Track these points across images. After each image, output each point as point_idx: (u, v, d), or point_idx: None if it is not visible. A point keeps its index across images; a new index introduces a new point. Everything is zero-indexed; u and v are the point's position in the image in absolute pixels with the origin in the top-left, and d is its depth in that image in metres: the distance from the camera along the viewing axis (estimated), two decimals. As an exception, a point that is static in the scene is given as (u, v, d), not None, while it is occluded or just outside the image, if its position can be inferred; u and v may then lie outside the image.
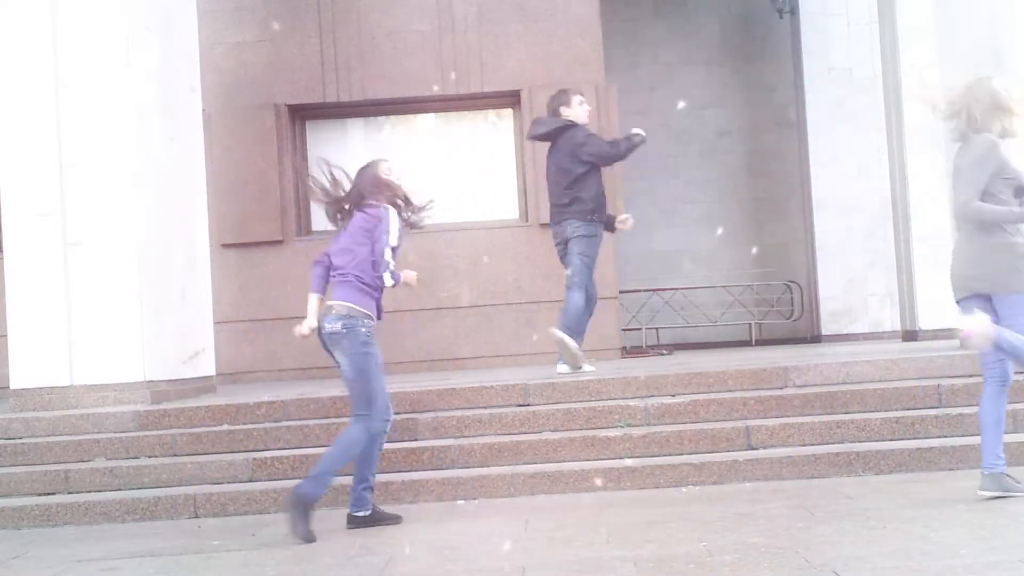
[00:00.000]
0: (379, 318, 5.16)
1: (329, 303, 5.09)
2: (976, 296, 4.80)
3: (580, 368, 6.96)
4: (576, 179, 7.18)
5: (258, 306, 9.80)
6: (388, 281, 5.07)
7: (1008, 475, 4.72)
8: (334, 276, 5.14)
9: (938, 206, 7.86)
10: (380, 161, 5.38)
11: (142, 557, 4.76)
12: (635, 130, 7.28)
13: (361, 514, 5.09)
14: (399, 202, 5.25)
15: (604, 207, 7.33)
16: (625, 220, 7.52)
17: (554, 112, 7.38)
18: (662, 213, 14.34)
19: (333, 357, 5.10)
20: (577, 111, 7.33)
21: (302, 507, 4.85)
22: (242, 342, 9.78)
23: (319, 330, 5.06)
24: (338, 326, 4.99)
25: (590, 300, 7.24)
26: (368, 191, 5.21)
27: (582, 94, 7.50)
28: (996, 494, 4.66)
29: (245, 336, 9.80)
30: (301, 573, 4.26)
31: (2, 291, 7.51)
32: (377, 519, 5.12)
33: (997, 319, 4.66)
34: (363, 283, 5.05)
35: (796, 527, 4.43)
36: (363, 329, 5.01)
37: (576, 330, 7.08)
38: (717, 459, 5.76)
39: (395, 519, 5.16)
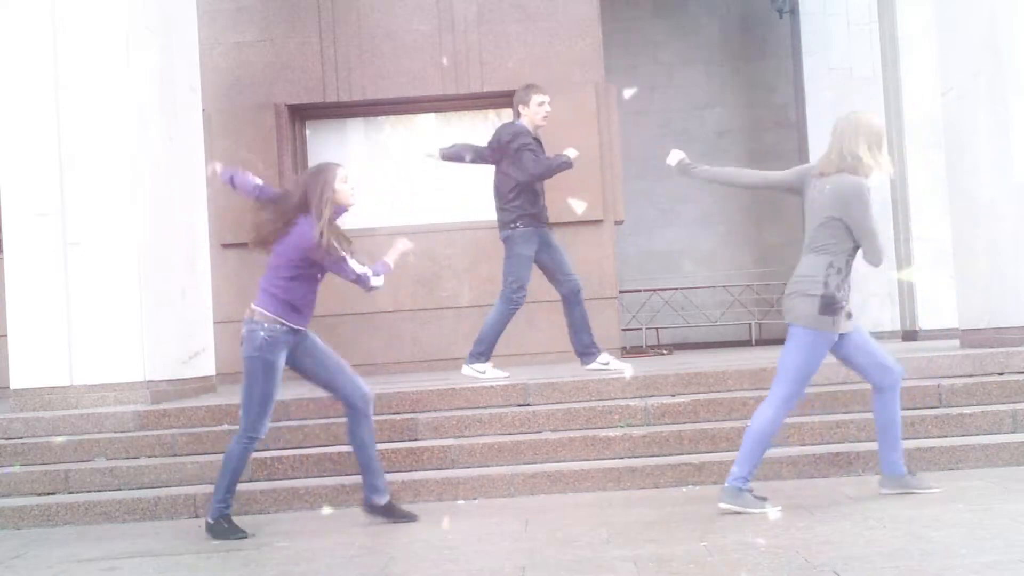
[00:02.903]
0: (300, 324, 5.00)
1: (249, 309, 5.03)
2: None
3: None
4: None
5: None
6: (378, 282, 5.01)
7: (915, 473, 4.97)
8: (260, 285, 5.06)
9: (938, 206, 7.88)
10: (337, 167, 5.07)
11: (142, 557, 4.76)
12: (569, 151, 7.15)
13: (378, 503, 5.14)
14: (337, 212, 5.01)
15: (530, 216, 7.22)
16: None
17: (515, 111, 7.35)
18: (662, 213, 14.35)
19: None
20: (533, 111, 7.22)
21: (225, 523, 5.01)
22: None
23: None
24: (243, 331, 4.97)
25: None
26: (314, 196, 4.92)
27: (547, 94, 7.33)
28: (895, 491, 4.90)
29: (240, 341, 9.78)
30: (301, 573, 4.26)
31: (2, 291, 7.51)
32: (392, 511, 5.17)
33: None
34: (270, 290, 4.97)
35: (796, 527, 4.43)
36: (261, 334, 4.92)
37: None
38: (717, 459, 5.76)
39: (410, 517, 5.18)
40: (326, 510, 5.60)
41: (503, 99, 10.49)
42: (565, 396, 6.47)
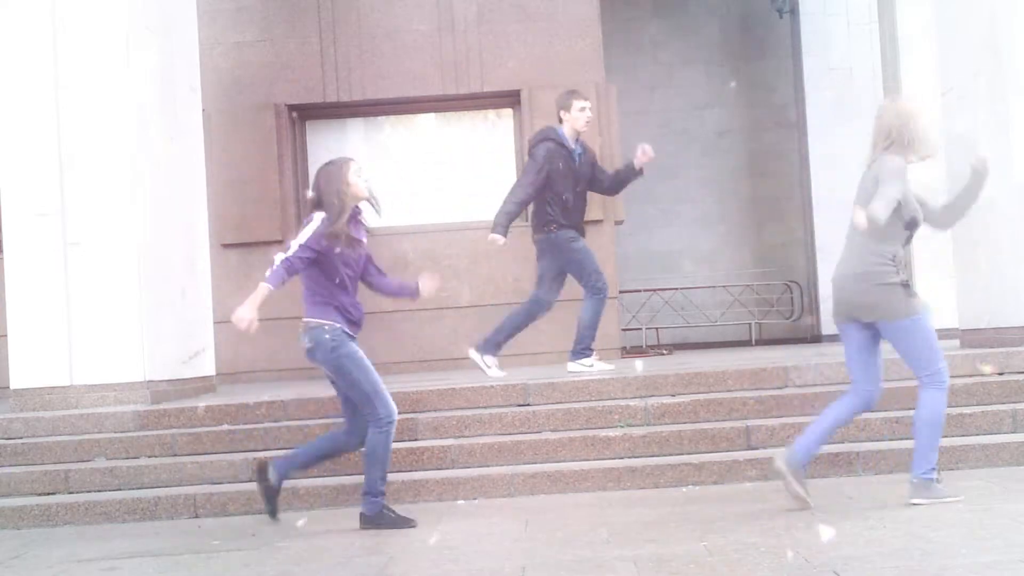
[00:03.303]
0: (354, 322, 5.09)
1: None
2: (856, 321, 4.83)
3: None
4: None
5: (259, 306, 9.77)
6: (268, 272, 4.94)
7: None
8: None
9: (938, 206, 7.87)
10: (350, 160, 5.16)
11: (142, 557, 4.76)
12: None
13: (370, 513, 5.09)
14: (357, 207, 5.10)
15: (540, 224, 7.35)
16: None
17: (557, 115, 7.45)
18: (662, 213, 14.35)
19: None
20: (574, 117, 7.32)
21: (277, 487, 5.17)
22: (242, 342, 9.74)
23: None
24: (306, 342, 5.04)
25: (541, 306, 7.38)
26: (327, 191, 5.03)
27: (587, 99, 7.44)
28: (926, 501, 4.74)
29: (245, 336, 9.68)
30: (301, 573, 4.26)
31: (2, 291, 7.51)
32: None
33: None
34: (314, 294, 5.04)
35: (796, 527, 4.43)
36: (327, 336, 4.99)
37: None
38: (717, 459, 5.76)
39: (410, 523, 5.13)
40: (325, 510, 5.60)
41: (503, 99, 10.51)
42: (565, 396, 6.47)
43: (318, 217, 5.01)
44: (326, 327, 5.01)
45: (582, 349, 7.29)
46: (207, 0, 9.89)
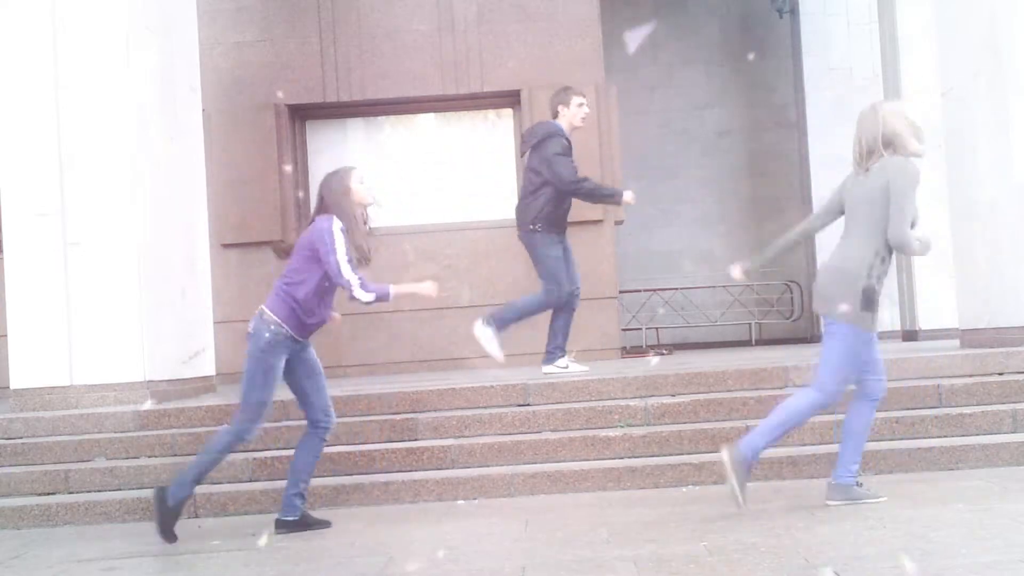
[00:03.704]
0: (307, 327, 5.04)
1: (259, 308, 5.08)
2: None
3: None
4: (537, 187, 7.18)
5: (258, 306, 9.78)
6: (365, 297, 4.91)
7: (858, 485, 4.84)
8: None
9: (938, 206, 7.87)
10: (352, 169, 5.17)
11: (142, 557, 4.76)
12: (626, 194, 7.22)
13: (290, 519, 5.08)
14: (362, 214, 5.09)
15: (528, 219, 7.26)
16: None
17: (553, 111, 7.37)
18: (662, 213, 14.36)
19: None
20: (573, 112, 7.30)
21: (175, 509, 4.94)
22: (242, 342, 9.69)
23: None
24: (249, 328, 5.02)
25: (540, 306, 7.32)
26: (333, 200, 5.03)
27: (584, 95, 7.42)
28: (842, 503, 4.76)
29: (245, 336, 9.78)
30: (301, 573, 4.26)
31: (2, 291, 7.51)
32: (307, 524, 5.10)
33: None
34: (286, 288, 4.99)
35: (796, 527, 4.42)
36: (267, 335, 4.96)
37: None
38: (717, 459, 5.74)
39: (325, 524, 5.14)
40: (324, 510, 5.60)
41: (503, 99, 10.51)
42: (565, 396, 6.46)
43: (337, 226, 4.95)
44: (272, 327, 4.96)
45: (553, 350, 7.25)
46: (207, 0, 9.89)
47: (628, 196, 7.22)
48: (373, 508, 5.63)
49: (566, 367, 7.16)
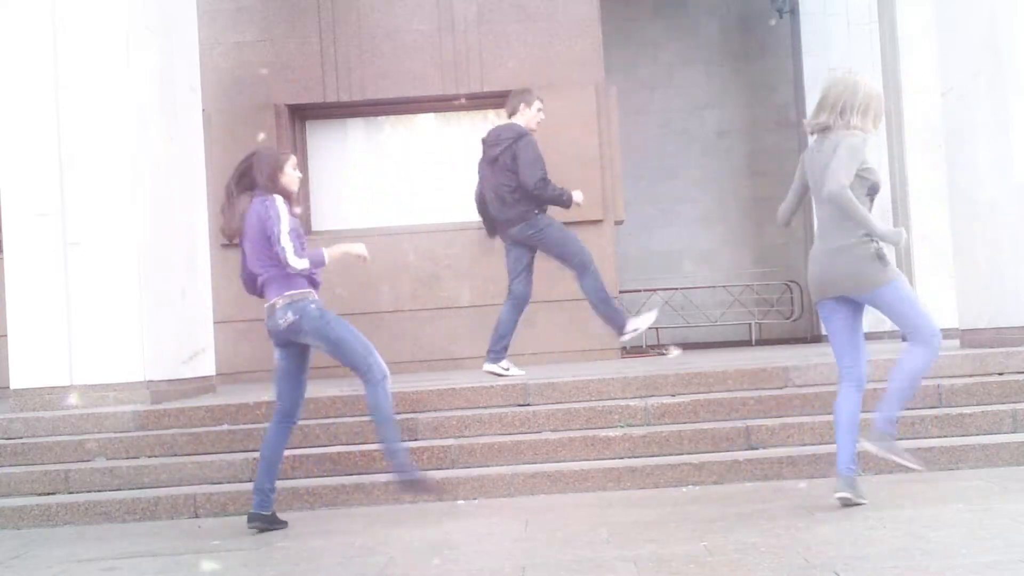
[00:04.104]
0: (317, 286, 5.17)
1: (270, 303, 5.10)
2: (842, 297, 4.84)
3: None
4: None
5: (258, 306, 9.67)
6: (299, 264, 4.95)
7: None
8: (260, 279, 5.14)
9: (938, 206, 7.86)
10: (288, 154, 5.23)
11: (142, 557, 4.76)
12: (575, 194, 7.21)
13: (267, 512, 5.12)
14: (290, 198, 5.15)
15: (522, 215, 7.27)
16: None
17: (512, 109, 7.34)
18: (662, 213, 14.36)
19: (285, 352, 5.16)
20: (532, 115, 7.26)
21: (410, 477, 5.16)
22: (242, 342, 9.77)
23: (274, 331, 5.11)
24: (290, 316, 5.02)
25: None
26: (263, 181, 5.08)
27: (542, 100, 7.37)
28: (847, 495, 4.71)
29: (245, 336, 9.79)
30: (301, 573, 4.26)
31: (2, 291, 7.51)
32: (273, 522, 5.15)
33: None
34: (284, 273, 5.03)
35: (796, 527, 4.42)
36: (312, 306, 5.04)
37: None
38: (717, 459, 5.76)
39: (283, 524, 5.17)
40: (324, 510, 5.60)
41: (503, 99, 10.50)
42: (565, 396, 6.47)
43: (280, 201, 5.02)
44: (308, 299, 5.05)
45: (500, 349, 7.24)
46: (207, 0, 9.89)
47: (578, 196, 7.23)
48: (373, 508, 5.63)
49: (507, 369, 7.17)
